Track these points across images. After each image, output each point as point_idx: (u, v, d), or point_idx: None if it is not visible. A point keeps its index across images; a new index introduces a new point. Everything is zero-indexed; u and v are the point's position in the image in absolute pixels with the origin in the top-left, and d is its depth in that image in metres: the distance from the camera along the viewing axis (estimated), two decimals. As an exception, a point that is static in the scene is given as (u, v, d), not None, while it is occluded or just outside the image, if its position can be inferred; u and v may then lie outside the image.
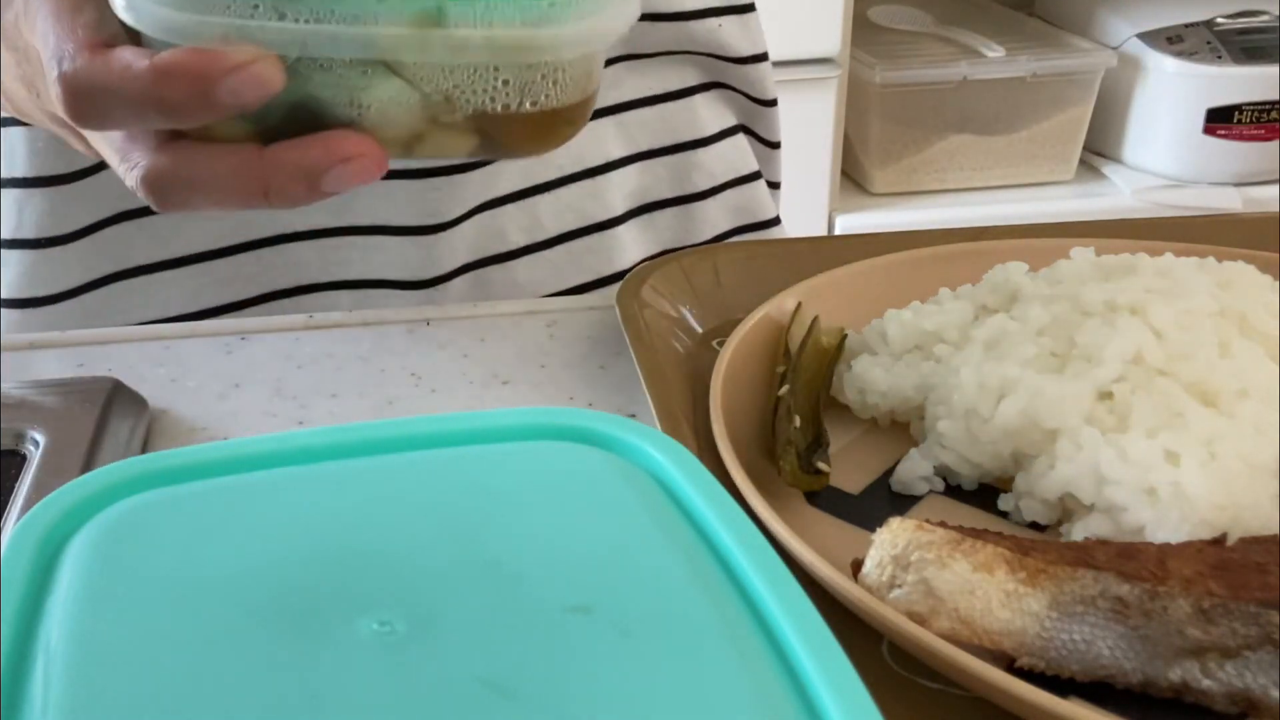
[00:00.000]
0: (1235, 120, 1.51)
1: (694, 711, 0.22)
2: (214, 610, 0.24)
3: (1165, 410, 0.38)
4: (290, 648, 0.23)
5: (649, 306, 0.50)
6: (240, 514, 0.27)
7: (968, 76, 1.51)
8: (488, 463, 0.29)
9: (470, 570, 0.25)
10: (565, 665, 0.23)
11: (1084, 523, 0.38)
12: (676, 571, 0.25)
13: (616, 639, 0.23)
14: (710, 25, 0.63)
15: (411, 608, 0.24)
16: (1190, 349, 0.40)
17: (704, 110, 0.65)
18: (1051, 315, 0.43)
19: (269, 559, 0.25)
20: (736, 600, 0.25)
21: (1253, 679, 0.31)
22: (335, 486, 0.28)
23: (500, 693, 0.22)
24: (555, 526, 0.27)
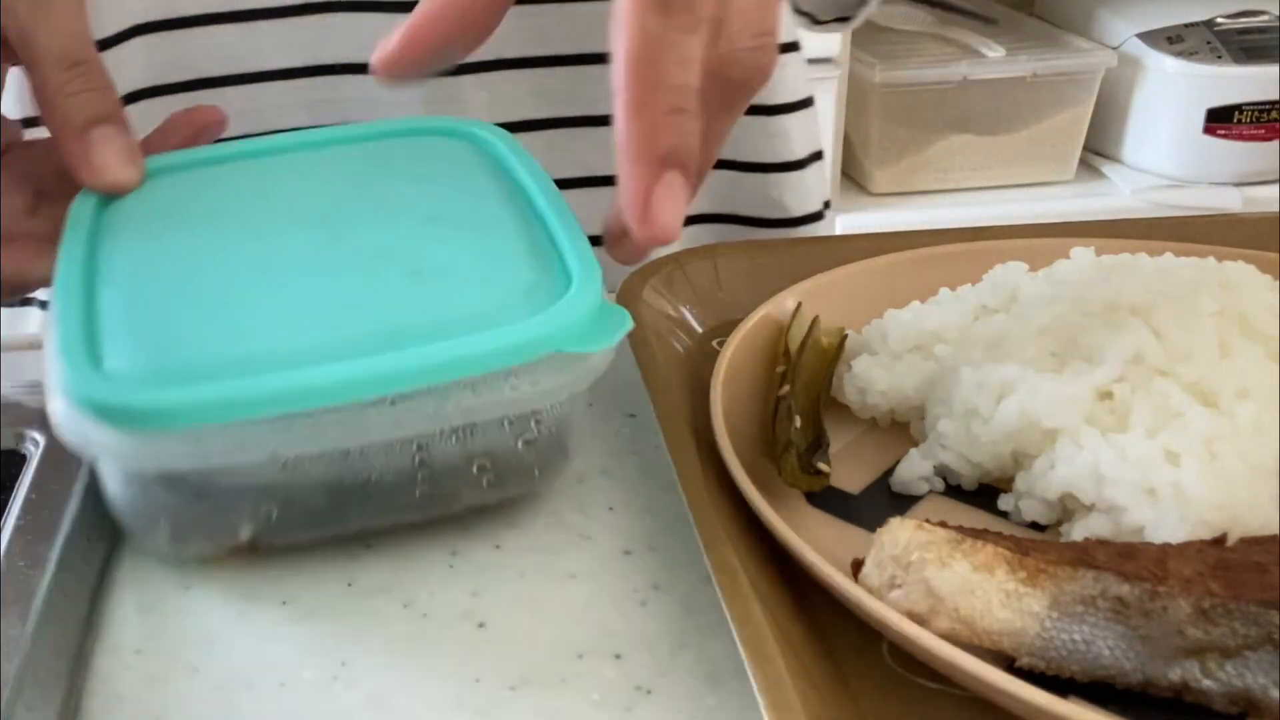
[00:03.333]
0: (1235, 120, 1.51)
1: (494, 263, 0.38)
2: (218, 231, 0.40)
3: (1165, 410, 0.38)
4: (259, 240, 0.39)
5: (649, 306, 0.50)
6: (222, 184, 0.43)
7: (968, 76, 1.51)
8: (379, 149, 0.45)
9: (361, 202, 0.41)
10: (416, 246, 0.38)
11: (1084, 523, 0.38)
12: (493, 196, 0.41)
13: (449, 229, 0.39)
14: None
15: (323, 223, 0.40)
16: (1190, 349, 0.40)
17: None
18: (1051, 315, 0.43)
19: (240, 203, 0.42)
20: (530, 214, 0.41)
21: (1253, 679, 0.31)
22: (279, 166, 0.44)
23: (370, 255, 0.38)
24: (421, 175, 0.43)
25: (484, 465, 0.38)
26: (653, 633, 0.36)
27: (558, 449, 0.40)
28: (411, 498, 0.38)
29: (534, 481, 0.41)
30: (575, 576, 0.39)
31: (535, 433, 0.38)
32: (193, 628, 0.37)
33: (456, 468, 0.38)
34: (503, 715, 0.33)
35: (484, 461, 0.38)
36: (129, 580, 0.39)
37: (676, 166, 0.35)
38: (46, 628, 0.34)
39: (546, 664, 0.35)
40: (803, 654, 0.33)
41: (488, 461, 0.38)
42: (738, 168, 0.65)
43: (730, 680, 0.34)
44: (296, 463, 0.35)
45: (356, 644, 0.36)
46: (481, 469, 0.38)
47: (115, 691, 0.34)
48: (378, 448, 0.36)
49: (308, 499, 0.37)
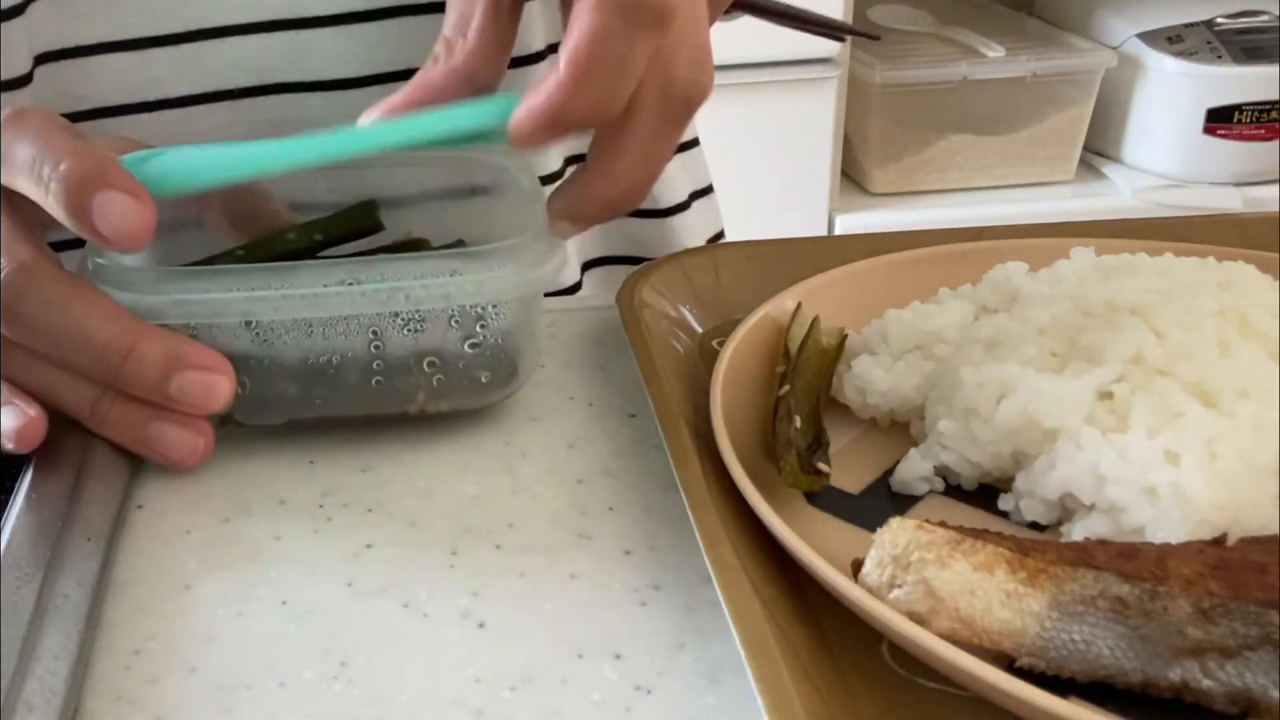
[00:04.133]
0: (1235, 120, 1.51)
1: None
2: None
3: (1165, 410, 0.38)
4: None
5: (649, 306, 0.50)
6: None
7: (968, 76, 1.51)
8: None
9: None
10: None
11: (1084, 523, 0.38)
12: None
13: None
14: None
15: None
16: (1190, 349, 0.40)
17: None
18: (1051, 315, 0.43)
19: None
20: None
21: (1253, 679, 0.31)
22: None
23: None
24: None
25: (433, 363, 0.43)
26: (653, 633, 0.36)
27: (505, 364, 0.44)
28: (370, 388, 0.43)
29: (481, 391, 0.44)
30: (575, 576, 0.39)
31: (481, 337, 0.43)
32: (193, 628, 0.37)
33: (408, 364, 0.43)
34: (503, 715, 0.33)
35: (433, 359, 0.43)
36: (129, 580, 0.39)
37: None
38: (46, 627, 0.34)
39: (546, 664, 0.35)
40: (803, 654, 0.33)
41: (436, 359, 0.43)
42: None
43: (730, 680, 0.34)
44: (266, 333, 0.41)
45: (356, 644, 0.36)
46: (431, 365, 0.43)
47: (115, 691, 0.34)
48: (338, 330, 0.42)
49: (278, 378, 0.43)
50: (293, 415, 0.44)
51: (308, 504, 0.42)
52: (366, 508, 0.42)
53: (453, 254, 0.41)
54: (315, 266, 0.41)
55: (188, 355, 0.40)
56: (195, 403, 0.40)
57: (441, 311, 0.42)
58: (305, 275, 0.40)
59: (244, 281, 0.40)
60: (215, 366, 0.40)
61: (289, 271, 0.40)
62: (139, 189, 0.39)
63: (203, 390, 0.40)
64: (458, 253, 0.42)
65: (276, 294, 0.40)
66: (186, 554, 0.40)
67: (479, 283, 0.41)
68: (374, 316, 0.41)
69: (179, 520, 0.41)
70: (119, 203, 0.38)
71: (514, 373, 0.45)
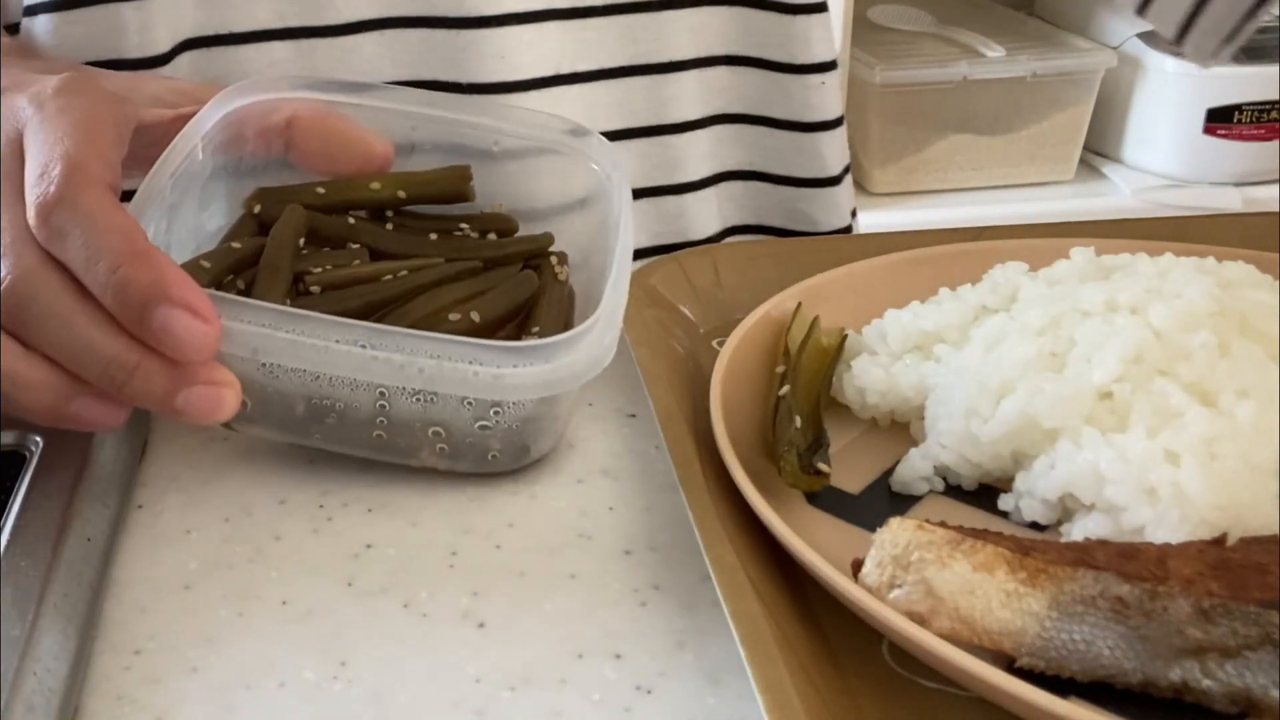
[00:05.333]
0: (1235, 120, 1.51)
1: None
2: None
3: (1165, 410, 0.38)
4: None
5: (649, 306, 0.50)
6: None
7: (968, 76, 1.51)
8: None
9: None
10: None
11: (1084, 523, 0.38)
12: None
13: None
14: None
15: None
16: (1190, 349, 0.40)
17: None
18: (1051, 315, 0.43)
19: None
20: None
21: (1253, 679, 0.31)
22: None
23: None
24: None
25: (439, 434, 0.41)
26: (653, 633, 0.36)
27: (516, 445, 0.42)
28: (370, 437, 0.42)
29: (487, 465, 0.43)
30: (575, 576, 0.39)
31: (493, 421, 0.41)
32: (193, 628, 0.37)
33: (413, 427, 0.41)
34: (503, 715, 0.33)
35: (439, 430, 0.41)
36: (129, 580, 0.39)
37: None
38: (46, 628, 0.34)
39: (546, 664, 0.35)
40: (803, 654, 0.33)
41: (443, 431, 0.41)
42: (770, 180, 0.65)
43: (730, 680, 0.34)
44: (274, 369, 0.40)
45: (356, 644, 0.36)
46: (436, 435, 0.41)
47: (115, 691, 0.34)
48: (345, 383, 0.40)
49: (281, 404, 0.41)
50: (291, 440, 0.44)
51: (308, 504, 0.42)
52: (366, 508, 0.42)
53: (476, 344, 0.39)
54: (330, 323, 0.39)
55: (194, 371, 0.39)
56: (201, 416, 0.39)
57: (454, 394, 0.40)
58: (319, 328, 0.39)
59: (256, 316, 0.39)
60: (222, 381, 0.39)
61: (303, 320, 0.39)
62: (203, 302, 0.37)
63: (209, 404, 0.39)
64: (482, 344, 0.39)
65: (287, 337, 0.39)
66: (186, 554, 0.40)
67: (496, 377, 0.39)
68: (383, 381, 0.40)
69: (179, 520, 0.41)
70: (181, 323, 0.37)
71: (525, 451, 0.43)
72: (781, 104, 0.63)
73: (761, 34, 0.62)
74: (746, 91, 0.63)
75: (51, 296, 0.38)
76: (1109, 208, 1.53)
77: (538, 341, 0.39)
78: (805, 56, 0.62)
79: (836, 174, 0.66)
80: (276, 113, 0.47)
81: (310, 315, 0.39)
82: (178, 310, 0.37)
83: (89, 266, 0.37)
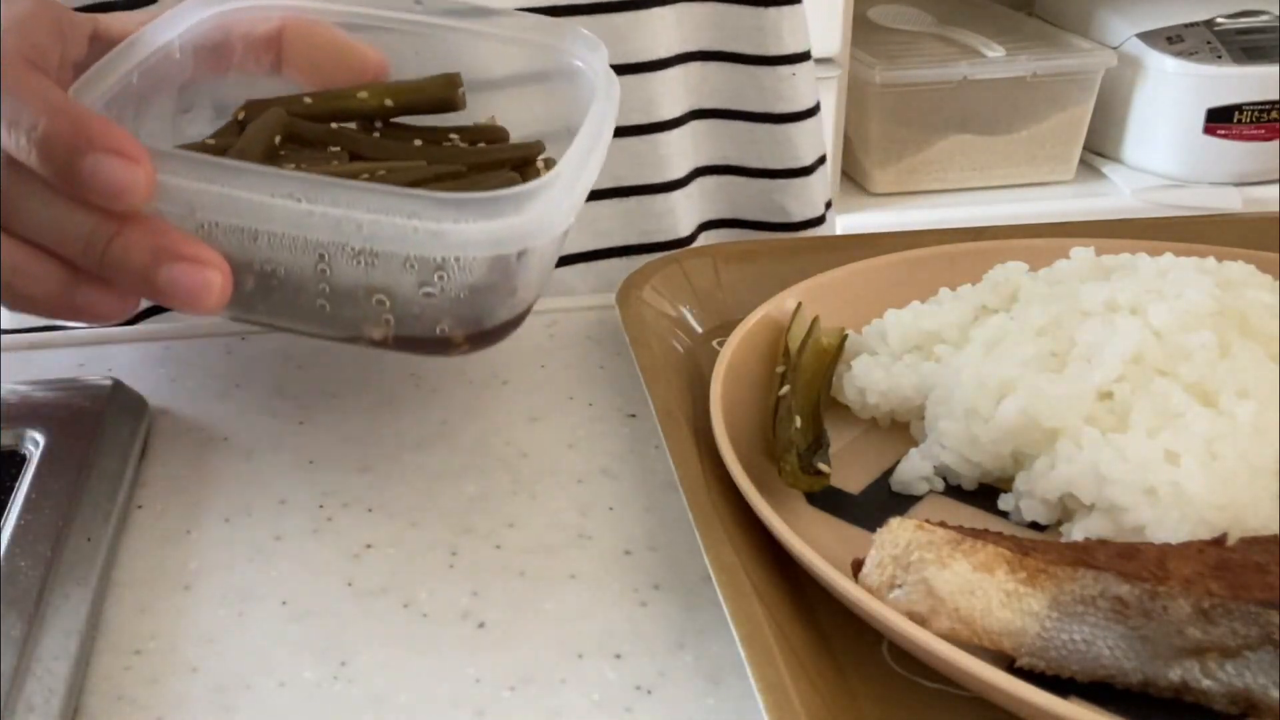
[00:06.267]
0: (1235, 120, 1.51)
1: None
2: None
3: (1165, 410, 0.38)
4: None
5: (649, 306, 0.50)
6: None
7: (968, 76, 1.51)
8: None
9: None
10: None
11: (1084, 523, 0.38)
12: None
13: None
14: None
15: None
16: (1190, 349, 0.40)
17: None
18: (1051, 315, 0.43)
19: None
20: None
21: (1253, 679, 0.31)
22: None
23: None
24: None
25: (383, 302, 0.39)
26: (653, 633, 0.36)
27: (467, 317, 0.40)
28: (315, 308, 0.40)
29: (439, 340, 0.40)
30: (575, 576, 0.39)
31: (438, 288, 0.38)
32: (193, 628, 0.37)
33: (356, 295, 0.39)
34: (503, 715, 0.33)
35: (383, 298, 0.39)
36: (129, 580, 0.39)
37: None
38: (46, 628, 0.34)
39: (546, 664, 0.35)
40: (803, 654, 0.33)
41: (386, 299, 0.39)
42: (745, 173, 0.65)
43: (730, 680, 0.34)
44: (211, 230, 0.38)
45: (356, 644, 0.36)
46: (380, 304, 0.39)
47: (115, 691, 0.34)
48: (284, 244, 0.38)
49: None
50: (237, 315, 0.41)
51: (308, 504, 0.42)
52: (366, 508, 0.42)
53: (416, 195, 0.37)
54: (267, 174, 0.37)
55: (177, 245, 0.37)
56: (188, 299, 0.37)
57: (395, 252, 0.38)
58: (255, 180, 0.37)
59: (193, 171, 0.37)
60: (208, 260, 0.37)
61: (237, 173, 0.37)
62: (131, 144, 0.36)
63: (194, 284, 0.37)
64: (425, 196, 0.37)
65: (222, 191, 0.37)
66: (186, 554, 0.40)
67: (436, 233, 0.37)
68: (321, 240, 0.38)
69: (179, 520, 0.41)
70: (109, 165, 0.35)
71: (478, 324, 0.40)
72: (754, 96, 0.63)
73: (735, 27, 0.62)
74: (720, 85, 0.63)
75: (24, 182, 0.37)
76: (1109, 208, 1.53)
77: (482, 194, 0.37)
78: (777, 48, 0.63)
79: (810, 164, 0.67)
80: (265, 23, 0.46)
81: (246, 167, 0.37)
82: (104, 154, 0.35)
83: (12, 135, 0.36)
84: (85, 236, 0.37)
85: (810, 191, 0.67)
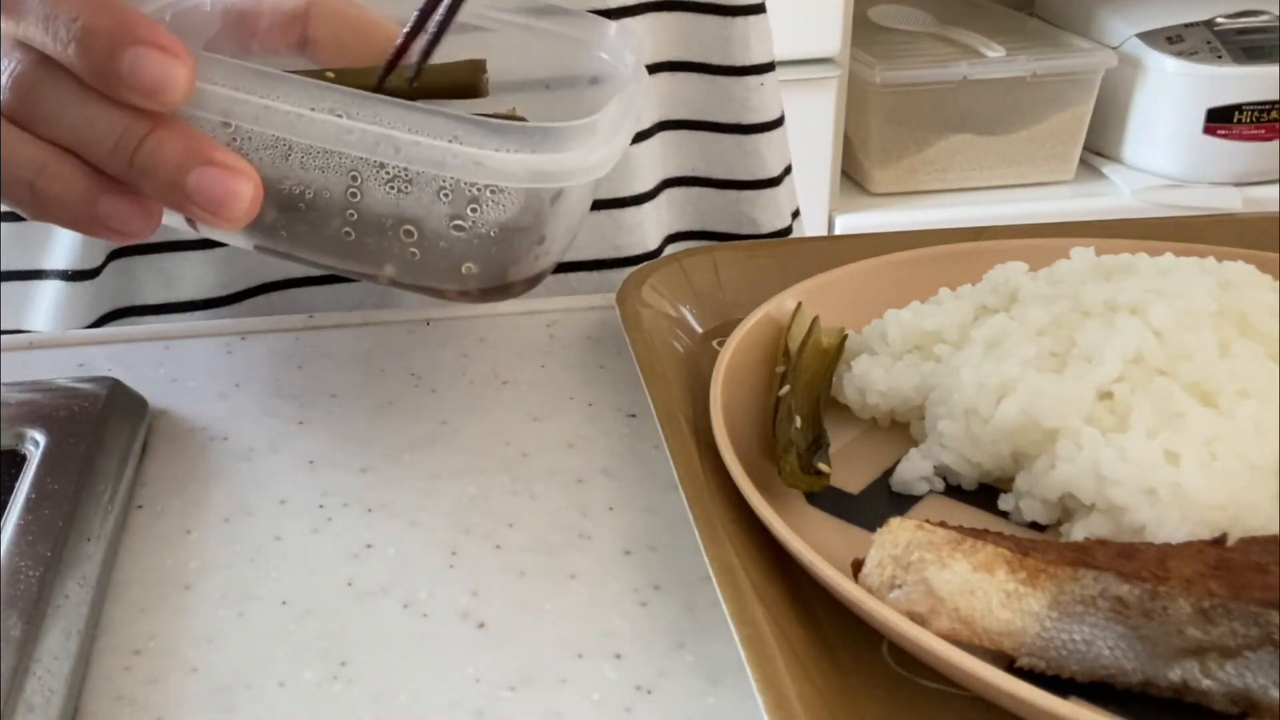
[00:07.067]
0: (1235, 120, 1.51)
1: None
2: None
3: (1165, 410, 0.38)
4: None
5: (649, 306, 0.50)
6: None
7: (968, 76, 1.51)
8: None
9: None
10: None
11: (1084, 523, 0.38)
12: None
13: None
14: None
15: None
16: (1190, 349, 0.40)
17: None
18: (1051, 315, 0.43)
19: None
20: None
21: (1253, 679, 0.31)
22: None
23: None
24: None
25: (410, 233, 0.38)
26: (653, 633, 0.36)
27: (493, 261, 0.39)
28: (338, 234, 0.39)
29: (458, 279, 0.40)
30: (575, 576, 0.39)
31: (469, 222, 0.38)
32: (193, 628, 0.37)
33: (384, 224, 0.38)
34: (503, 715, 0.33)
35: (410, 229, 0.38)
36: (129, 580, 0.39)
37: None
38: (46, 628, 0.34)
39: (546, 664, 0.35)
40: (803, 654, 0.33)
41: (414, 230, 0.38)
42: (713, 185, 0.65)
43: (730, 680, 0.34)
44: (244, 142, 0.37)
45: (356, 644, 0.36)
46: (407, 234, 0.38)
47: (115, 691, 0.34)
48: (316, 162, 0.37)
49: None
50: (255, 241, 0.40)
51: (308, 504, 0.42)
52: (366, 508, 0.42)
53: (459, 118, 0.36)
54: (308, 86, 0.37)
55: (209, 150, 0.36)
56: (214, 205, 0.36)
57: (432, 179, 0.37)
58: (294, 92, 0.36)
59: (231, 78, 0.36)
60: (239, 169, 0.36)
61: (278, 81, 0.36)
62: (172, 40, 0.35)
63: (222, 190, 0.36)
64: (467, 119, 0.36)
65: (260, 102, 0.36)
66: (186, 554, 0.40)
67: (477, 160, 0.36)
68: (356, 159, 0.37)
69: (179, 520, 0.41)
70: (152, 59, 0.35)
71: (503, 273, 0.40)
72: (722, 107, 0.63)
73: (702, 38, 0.62)
74: (689, 97, 0.63)
75: (55, 81, 0.36)
76: (1109, 208, 1.53)
77: (526, 124, 0.37)
78: (744, 59, 0.63)
79: (777, 175, 0.67)
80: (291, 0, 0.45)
81: (286, 77, 0.37)
82: (146, 48, 0.35)
83: (50, 31, 0.35)
84: (116, 136, 0.36)
85: (778, 202, 0.67)
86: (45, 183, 0.37)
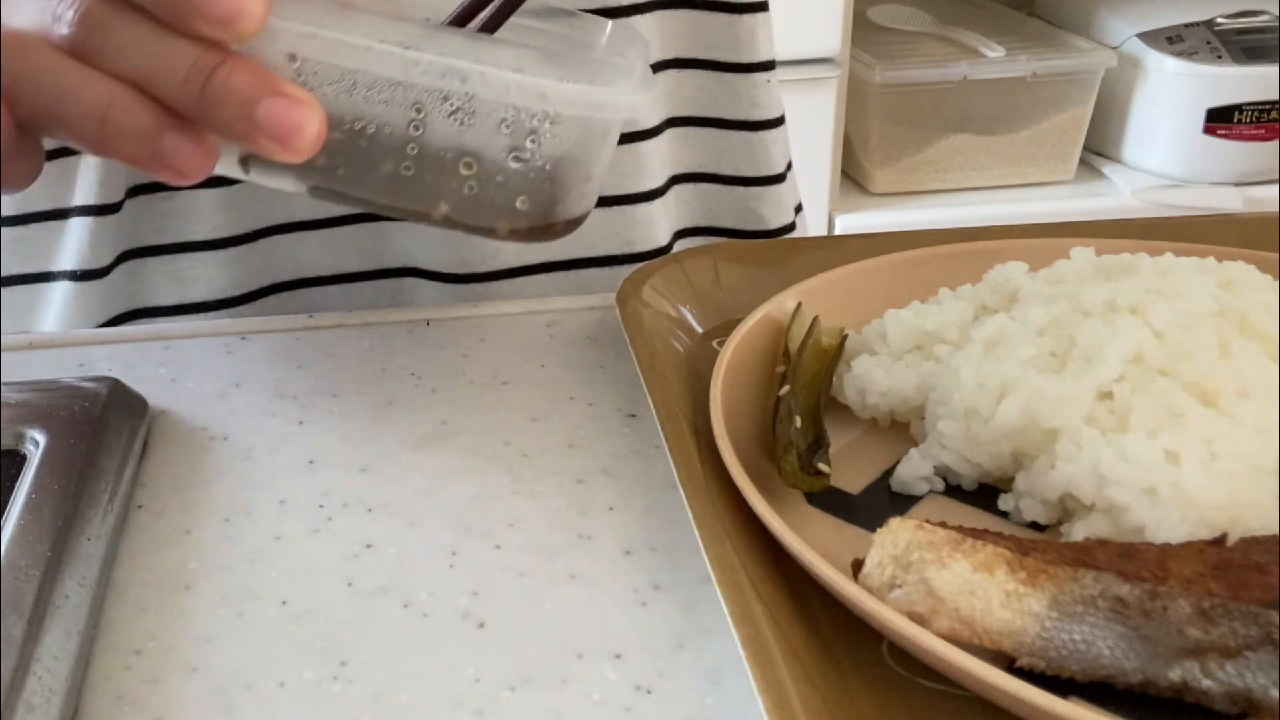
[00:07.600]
0: (1235, 120, 1.51)
1: None
2: None
3: (1165, 410, 0.38)
4: None
5: (649, 306, 0.50)
6: None
7: (968, 76, 1.51)
8: None
9: None
10: None
11: (1084, 523, 0.38)
12: None
13: None
14: None
15: None
16: (1190, 349, 0.40)
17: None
18: (1051, 315, 0.43)
19: None
20: None
21: (1253, 679, 0.31)
22: None
23: None
24: None
25: (469, 164, 0.39)
26: (653, 633, 0.36)
27: (545, 196, 0.40)
28: (395, 173, 0.39)
29: (510, 215, 0.40)
30: (575, 576, 0.39)
31: (528, 152, 0.39)
32: (193, 628, 0.37)
33: (444, 158, 0.39)
34: (503, 715, 0.33)
35: (470, 160, 0.39)
36: (129, 580, 0.39)
37: None
38: (46, 628, 0.34)
39: (546, 664, 0.35)
40: (803, 654, 0.33)
41: (474, 162, 0.39)
42: (720, 181, 0.66)
43: (730, 680, 0.34)
44: (309, 77, 0.38)
45: (356, 644, 0.36)
46: (467, 167, 0.39)
47: (115, 691, 0.34)
48: (381, 96, 0.38)
49: None
50: (311, 182, 0.41)
51: (308, 504, 0.42)
52: (366, 508, 0.42)
53: (523, 48, 0.38)
54: (375, 19, 0.37)
55: (277, 82, 0.36)
56: (281, 135, 0.36)
57: (494, 110, 0.38)
58: (362, 25, 0.37)
59: (299, 12, 0.37)
60: (306, 100, 0.37)
61: (344, 16, 0.37)
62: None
63: (291, 121, 0.36)
64: (529, 48, 0.38)
65: (329, 35, 0.37)
66: (186, 554, 0.40)
67: (540, 89, 0.37)
68: (421, 91, 0.38)
69: (179, 520, 0.41)
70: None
71: (552, 208, 0.41)
72: (730, 104, 0.64)
73: (709, 35, 0.62)
74: (696, 93, 0.63)
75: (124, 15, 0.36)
76: (1109, 208, 1.53)
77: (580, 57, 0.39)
78: (751, 55, 0.63)
79: (782, 171, 0.67)
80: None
81: (353, 13, 0.38)
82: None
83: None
84: (187, 67, 0.36)
85: (783, 198, 0.68)
86: (117, 115, 0.37)
